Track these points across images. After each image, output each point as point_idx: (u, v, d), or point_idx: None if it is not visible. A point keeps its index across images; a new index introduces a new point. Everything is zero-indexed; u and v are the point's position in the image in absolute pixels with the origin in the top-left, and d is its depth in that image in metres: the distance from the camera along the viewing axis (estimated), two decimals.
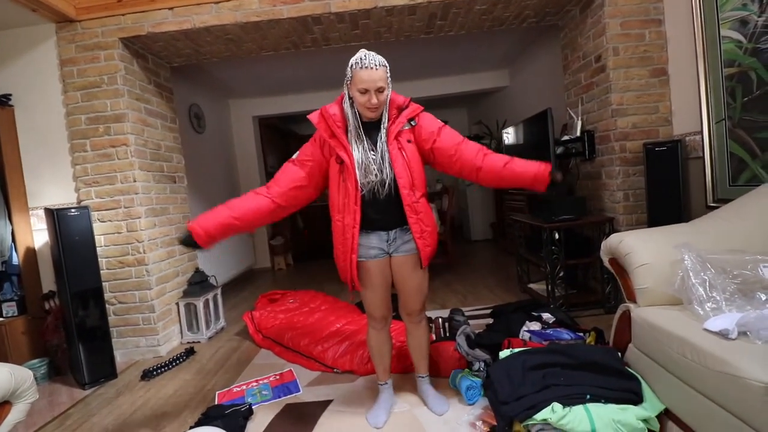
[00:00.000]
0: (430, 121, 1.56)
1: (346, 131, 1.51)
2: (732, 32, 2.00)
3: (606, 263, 1.68)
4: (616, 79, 2.56)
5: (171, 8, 2.52)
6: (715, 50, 2.10)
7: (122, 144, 2.60)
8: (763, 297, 1.20)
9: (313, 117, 1.54)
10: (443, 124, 1.59)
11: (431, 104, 6.67)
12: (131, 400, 2.13)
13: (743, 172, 2.02)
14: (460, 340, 1.94)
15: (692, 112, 2.30)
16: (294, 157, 1.62)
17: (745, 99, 1.97)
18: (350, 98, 1.50)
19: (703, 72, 2.18)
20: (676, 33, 2.43)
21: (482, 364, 1.82)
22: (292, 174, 1.59)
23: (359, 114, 1.51)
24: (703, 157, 2.22)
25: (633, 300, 1.53)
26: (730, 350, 1.06)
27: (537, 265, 2.97)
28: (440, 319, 2.30)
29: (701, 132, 2.22)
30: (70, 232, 2.28)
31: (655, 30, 2.53)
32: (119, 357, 2.63)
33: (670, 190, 2.34)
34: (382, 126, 1.51)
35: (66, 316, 2.33)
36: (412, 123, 1.54)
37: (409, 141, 1.52)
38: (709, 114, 2.17)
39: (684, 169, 2.34)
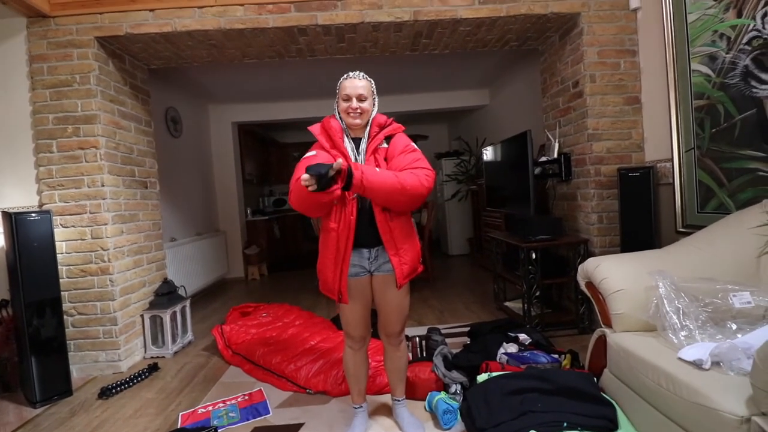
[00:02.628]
0: (399, 141, 1.57)
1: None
2: (702, 66, 2.10)
3: (582, 287, 1.70)
4: (593, 104, 2.64)
5: (152, 10, 2.44)
6: (686, 83, 2.20)
7: (92, 146, 2.48)
8: (734, 326, 1.23)
9: (315, 128, 1.58)
10: (412, 147, 1.55)
11: (413, 119, 6.76)
12: (87, 420, 1.99)
13: (711, 200, 2.10)
14: (438, 361, 1.92)
15: (663, 140, 2.39)
16: (310, 155, 1.51)
17: (713, 130, 2.06)
18: (340, 115, 1.56)
19: (674, 102, 2.27)
20: (649, 64, 2.54)
21: (459, 387, 1.80)
22: None
23: (348, 130, 1.56)
24: (673, 184, 2.30)
25: (608, 325, 1.55)
26: (704, 381, 1.07)
27: (513, 283, 3.00)
28: (417, 338, 2.27)
29: (671, 159, 2.30)
30: (28, 237, 2.14)
31: (629, 60, 2.63)
32: (75, 372, 2.47)
33: (642, 214, 2.42)
34: (362, 141, 1.55)
35: (19, 327, 2.17)
36: (387, 140, 1.56)
37: (385, 159, 1.54)
38: (679, 143, 2.26)
39: (655, 194, 2.42)
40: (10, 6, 2.27)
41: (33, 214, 2.17)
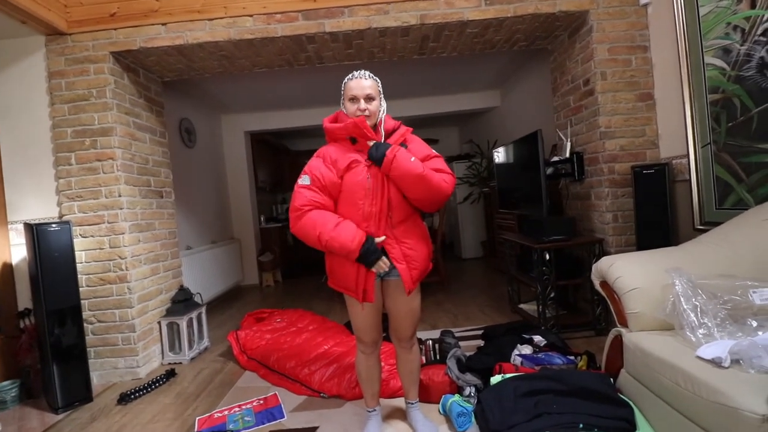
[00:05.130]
0: (420, 147, 1.54)
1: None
2: (716, 60, 2.06)
3: (597, 286, 1.67)
4: (604, 102, 2.60)
5: (164, 24, 2.51)
6: (700, 77, 2.16)
7: (108, 158, 2.55)
8: (754, 323, 1.19)
9: (330, 124, 1.55)
10: (434, 153, 1.54)
11: (423, 123, 6.76)
12: (106, 426, 2.03)
13: (729, 196, 2.04)
14: (451, 363, 1.90)
15: (678, 136, 2.34)
16: (305, 183, 1.48)
17: (730, 124, 2.01)
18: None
19: (688, 97, 2.23)
20: (661, 59, 2.49)
21: (473, 389, 1.78)
22: (313, 200, 1.47)
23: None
24: (689, 181, 2.25)
25: (624, 324, 1.51)
26: (723, 379, 1.04)
27: (528, 285, 2.96)
28: (430, 341, 2.26)
29: (687, 156, 2.25)
30: (49, 247, 2.21)
31: (641, 56, 2.59)
32: (96, 379, 2.53)
33: (659, 212, 2.37)
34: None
35: (41, 336, 2.23)
36: (403, 146, 1.52)
37: None
38: (694, 138, 2.21)
39: (671, 191, 2.37)
40: (29, 25, 2.37)
41: (53, 225, 2.24)
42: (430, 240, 1.59)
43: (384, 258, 1.42)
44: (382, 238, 1.43)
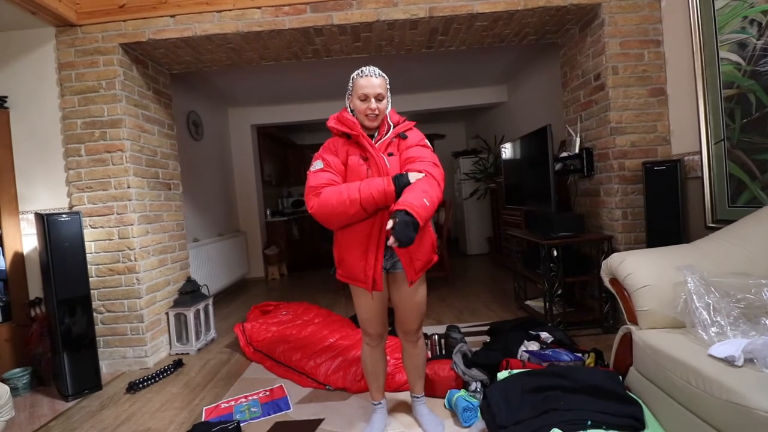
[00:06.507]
0: (415, 135, 1.56)
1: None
2: (731, 54, 2.02)
3: (606, 283, 1.66)
4: (615, 97, 2.57)
5: (173, 16, 2.51)
6: (714, 71, 2.12)
7: (117, 149, 2.56)
8: None
9: (332, 123, 1.55)
10: (425, 143, 1.54)
11: (430, 118, 6.73)
12: (115, 413, 2.06)
13: (742, 194, 2.01)
14: (457, 358, 1.90)
15: (691, 132, 2.31)
16: (318, 167, 1.49)
17: (744, 121, 1.97)
18: (351, 111, 1.54)
19: (701, 93, 2.19)
20: (674, 54, 2.45)
21: (479, 385, 1.78)
22: (331, 179, 1.47)
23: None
24: (701, 178, 2.21)
25: (634, 322, 1.50)
26: (736, 378, 1.03)
27: (534, 282, 2.94)
28: (436, 336, 2.26)
29: (700, 152, 2.22)
30: (59, 237, 2.23)
31: (653, 50, 2.55)
32: (105, 368, 2.56)
33: (669, 210, 2.34)
34: (373, 138, 1.53)
35: (52, 324, 2.26)
36: (402, 136, 1.54)
37: (390, 154, 1.49)
38: (707, 134, 2.18)
39: (683, 188, 2.34)
40: (39, 16, 2.37)
41: (63, 216, 2.26)
42: (433, 231, 1.59)
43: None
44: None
